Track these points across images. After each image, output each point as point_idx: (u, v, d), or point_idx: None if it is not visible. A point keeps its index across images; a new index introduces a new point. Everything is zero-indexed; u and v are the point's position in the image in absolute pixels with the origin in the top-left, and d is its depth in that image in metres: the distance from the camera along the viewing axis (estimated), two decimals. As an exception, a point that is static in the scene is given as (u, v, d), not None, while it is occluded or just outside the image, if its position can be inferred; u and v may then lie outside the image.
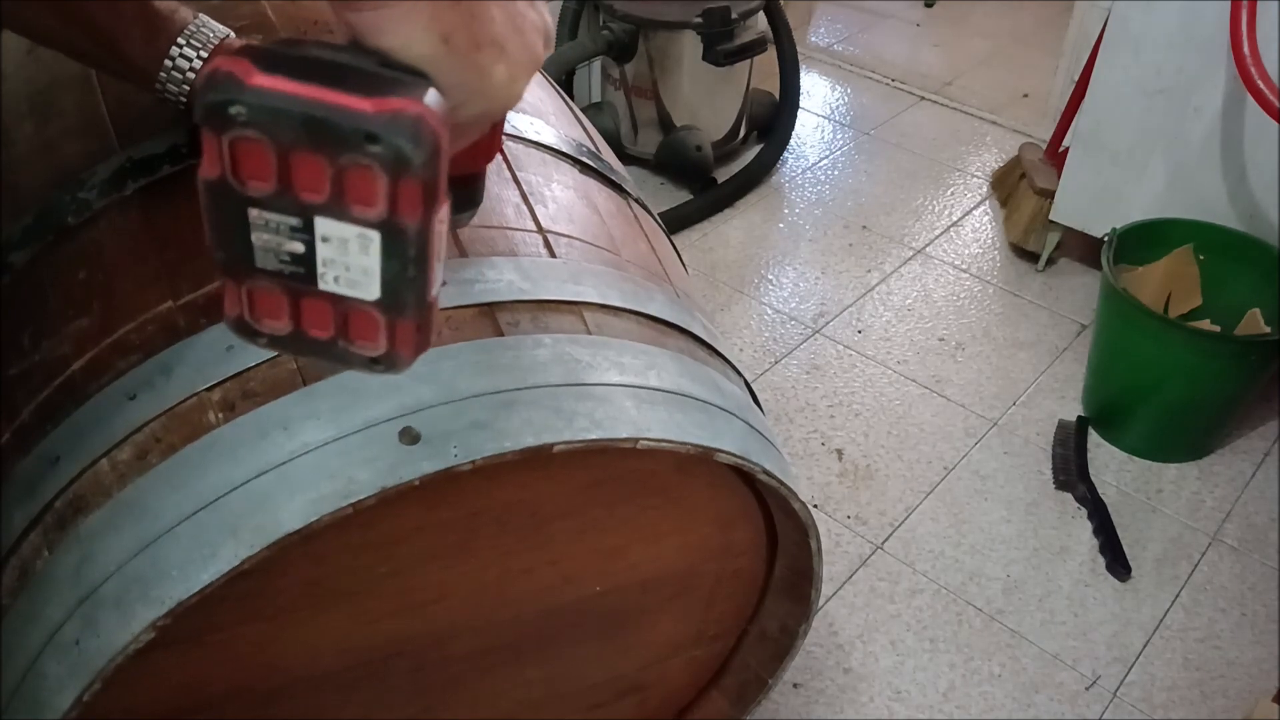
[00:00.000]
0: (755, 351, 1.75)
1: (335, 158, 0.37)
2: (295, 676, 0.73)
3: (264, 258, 0.39)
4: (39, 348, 0.74)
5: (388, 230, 0.38)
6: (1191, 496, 1.51)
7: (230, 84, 0.36)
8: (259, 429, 0.63)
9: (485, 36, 0.41)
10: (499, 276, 0.72)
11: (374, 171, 0.37)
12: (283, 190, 0.38)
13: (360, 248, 0.38)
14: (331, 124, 0.36)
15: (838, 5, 2.92)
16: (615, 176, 0.96)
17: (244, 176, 0.38)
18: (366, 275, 0.39)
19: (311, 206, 0.38)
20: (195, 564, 0.59)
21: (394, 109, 0.37)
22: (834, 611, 1.35)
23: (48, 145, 0.85)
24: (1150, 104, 1.62)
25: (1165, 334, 1.47)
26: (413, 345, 0.41)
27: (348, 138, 0.36)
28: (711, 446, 0.72)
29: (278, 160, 0.37)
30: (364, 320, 0.40)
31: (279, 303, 0.40)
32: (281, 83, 0.37)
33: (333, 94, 0.36)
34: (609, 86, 2.13)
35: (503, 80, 0.43)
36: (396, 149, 0.36)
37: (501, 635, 0.81)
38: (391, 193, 0.37)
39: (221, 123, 0.37)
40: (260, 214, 0.38)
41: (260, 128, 0.37)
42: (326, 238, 0.38)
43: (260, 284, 0.40)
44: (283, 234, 0.38)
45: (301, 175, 0.37)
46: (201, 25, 0.72)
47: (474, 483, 0.66)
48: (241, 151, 0.37)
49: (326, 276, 0.39)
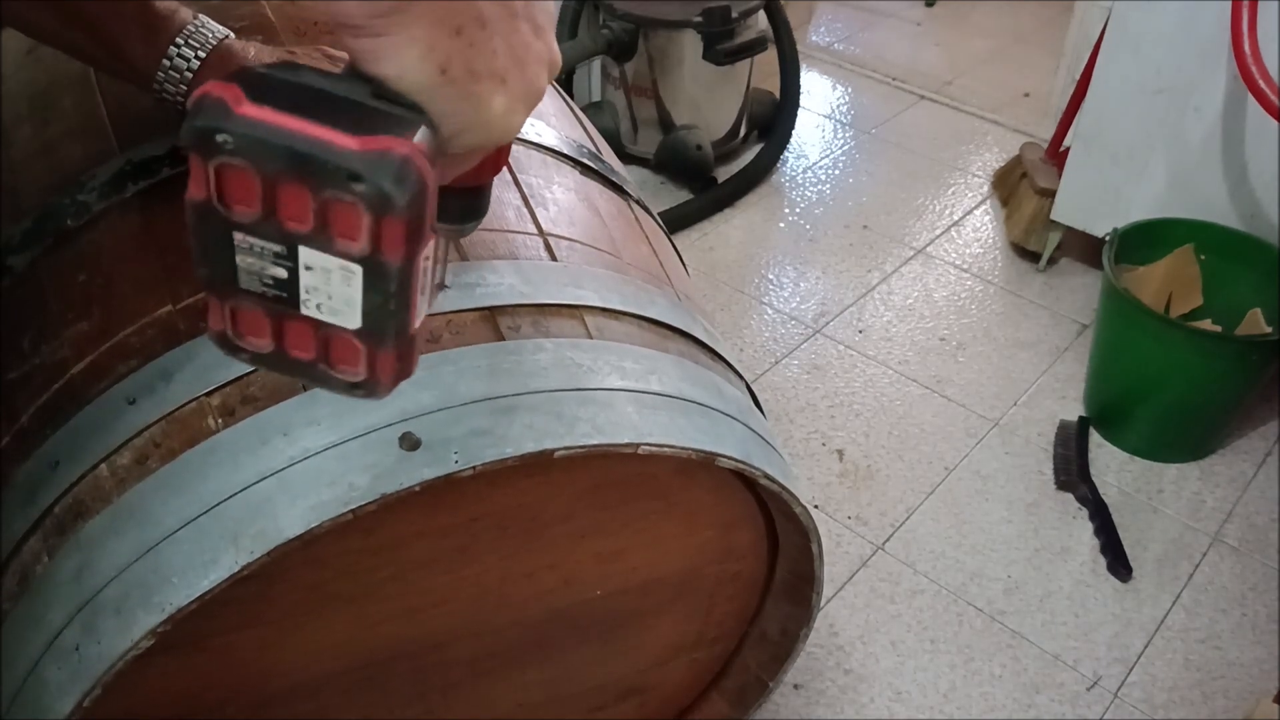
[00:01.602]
0: (755, 351, 1.75)
1: (319, 192, 0.36)
2: (295, 680, 0.73)
3: (248, 279, 0.39)
4: (39, 351, 0.74)
5: (370, 266, 0.38)
6: (1192, 497, 1.51)
7: (219, 111, 0.36)
8: (259, 434, 0.63)
9: (485, 68, 0.41)
10: (500, 280, 0.72)
11: (357, 208, 0.36)
12: (267, 217, 0.37)
13: (343, 279, 0.38)
14: (316, 159, 0.36)
15: (838, 4, 2.92)
16: (616, 178, 0.96)
17: (229, 201, 0.37)
18: (348, 305, 0.39)
19: (295, 235, 0.38)
20: (196, 570, 0.59)
21: (380, 148, 0.36)
22: (834, 612, 1.34)
23: (47, 147, 0.85)
24: (1151, 104, 1.62)
25: (1166, 334, 1.47)
26: (393, 373, 0.41)
27: (331, 174, 0.36)
28: (713, 451, 0.72)
29: (263, 189, 0.37)
30: (345, 346, 0.40)
31: (261, 322, 0.40)
32: (269, 114, 0.36)
33: (320, 129, 0.36)
34: (609, 86, 2.12)
35: (500, 112, 0.42)
36: (379, 189, 0.36)
37: (502, 639, 0.81)
38: (374, 230, 0.37)
39: (208, 149, 0.37)
40: (245, 238, 0.38)
41: (246, 156, 0.36)
42: (310, 266, 0.38)
43: (243, 303, 0.40)
44: (266, 259, 0.38)
45: (286, 205, 0.37)
46: (201, 25, 0.72)
47: (475, 487, 0.66)
48: (227, 177, 0.37)
49: (309, 303, 0.39)
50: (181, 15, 0.72)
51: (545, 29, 0.44)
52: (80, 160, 0.80)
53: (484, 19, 0.40)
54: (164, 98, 0.72)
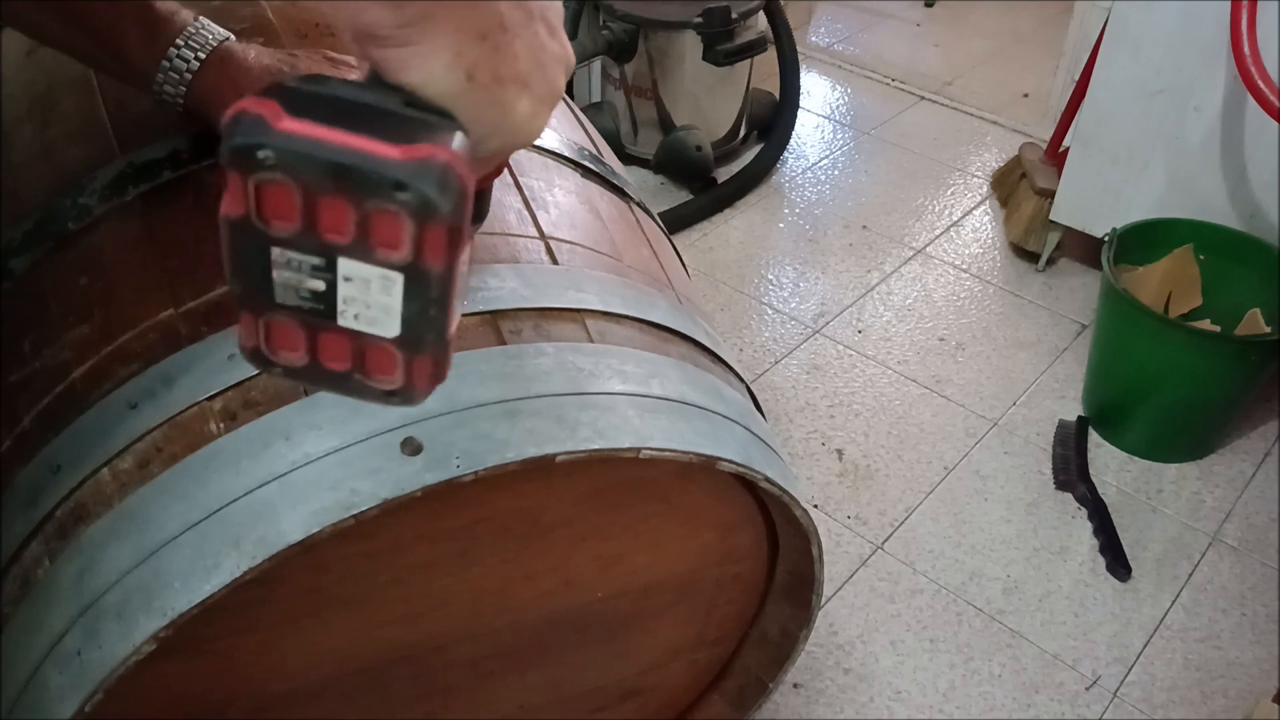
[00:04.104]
0: (755, 351, 1.75)
1: (361, 203, 0.36)
2: (296, 684, 0.73)
3: (284, 294, 0.39)
4: (40, 355, 0.74)
5: (411, 273, 0.38)
6: (1192, 496, 1.51)
7: (259, 127, 0.36)
8: (261, 439, 0.63)
9: (509, 73, 0.41)
10: (501, 284, 0.72)
11: (400, 217, 0.36)
12: (307, 231, 0.37)
13: (382, 288, 0.38)
14: (360, 171, 0.36)
15: (838, 5, 2.92)
16: (617, 180, 0.96)
17: (268, 217, 0.37)
18: (387, 314, 0.39)
19: (335, 247, 0.38)
20: (197, 575, 0.59)
21: (422, 156, 0.36)
22: (834, 612, 1.35)
23: (47, 149, 0.85)
24: (1150, 104, 1.62)
25: (1165, 334, 1.47)
26: (429, 380, 0.41)
27: (375, 184, 0.36)
28: (714, 455, 0.72)
29: (303, 203, 0.37)
30: (381, 355, 0.40)
31: (296, 336, 0.40)
32: (310, 127, 0.36)
33: (361, 140, 0.36)
34: (609, 86, 2.12)
35: (525, 115, 0.42)
36: (424, 196, 0.36)
37: (502, 641, 0.81)
38: (417, 238, 0.37)
39: (249, 165, 0.37)
40: (283, 253, 0.38)
41: (288, 171, 0.36)
42: (349, 277, 0.38)
43: (278, 318, 0.40)
44: (304, 272, 0.38)
45: (327, 218, 0.37)
46: (201, 27, 0.72)
47: (476, 491, 0.66)
48: (267, 193, 0.37)
49: (346, 314, 0.39)
50: (182, 16, 0.72)
51: (558, 29, 0.45)
52: (81, 162, 0.80)
53: (505, 23, 0.41)
54: (163, 99, 0.72)
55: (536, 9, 0.43)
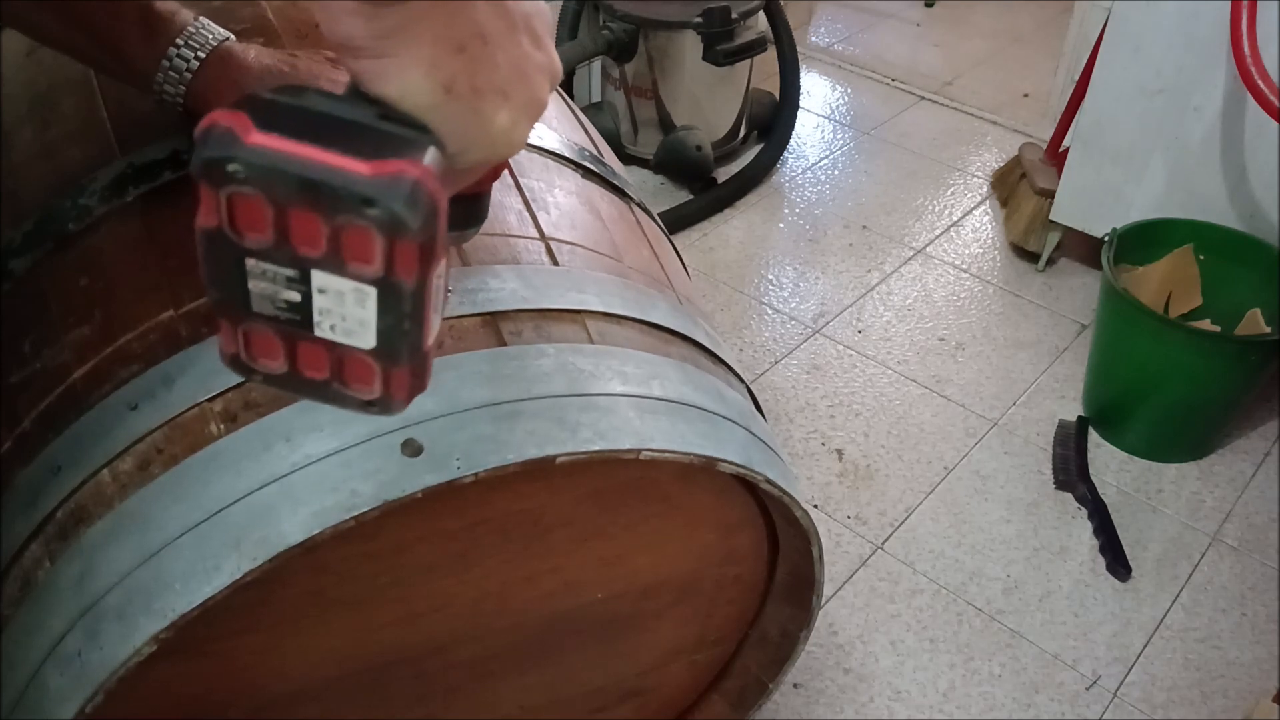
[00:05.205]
0: (755, 351, 1.75)
1: (332, 218, 0.36)
2: (297, 685, 0.73)
3: (260, 303, 0.39)
4: (40, 355, 0.74)
5: (384, 287, 0.38)
6: (1191, 496, 1.51)
7: (228, 140, 0.36)
8: (261, 440, 0.63)
9: (488, 84, 0.41)
10: (501, 285, 0.72)
11: (370, 233, 0.36)
12: (280, 243, 0.38)
13: (356, 301, 0.38)
14: (329, 186, 0.36)
15: (838, 5, 2.92)
16: (617, 181, 0.96)
17: (241, 229, 0.38)
18: (362, 326, 0.39)
19: (308, 260, 0.38)
20: (198, 576, 0.59)
21: (392, 172, 0.36)
22: (834, 612, 1.35)
23: (48, 150, 0.85)
24: (1150, 104, 1.62)
25: (1165, 334, 1.47)
26: (407, 390, 0.41)
27: (344, 200, 0.36)
28: (715, 456, 0.72)
29: (275, 216, 0.37)
30: (359, 365, 0.40)
31: (274, 345, 0.40)
32: (279, 141, 0.36)
33: (330, 155, 0.36)
34: (609, 86, 2.12)
35: (505, 127, 0.42)
36: (393, 213, 0.36)
37: (503, 642, 0.81)
38: (388, 253, 0.37)
39: (219, 178, 0.37)
40: (257, 264, 0.38)
41: (257, 185, 0.36)
42: (323, 289, 0.38)
43: (256, 326, 0.40)
44: (279, 283, 0.38)
45: (298, 231, 0.37)
46: (201, 28, 0.72)
47: (476, 493, 0.66)
48: (239, 205, 0.37)
49: (323, 325, 0.39)
50: (182, 17, 0.72)
51: (544, 39, 0.44)
52: (81, 163, 0.80)
53: (485, 34, 0.40)
54: (163, 99, 0.72)
55: (520, 19, 0.42)
